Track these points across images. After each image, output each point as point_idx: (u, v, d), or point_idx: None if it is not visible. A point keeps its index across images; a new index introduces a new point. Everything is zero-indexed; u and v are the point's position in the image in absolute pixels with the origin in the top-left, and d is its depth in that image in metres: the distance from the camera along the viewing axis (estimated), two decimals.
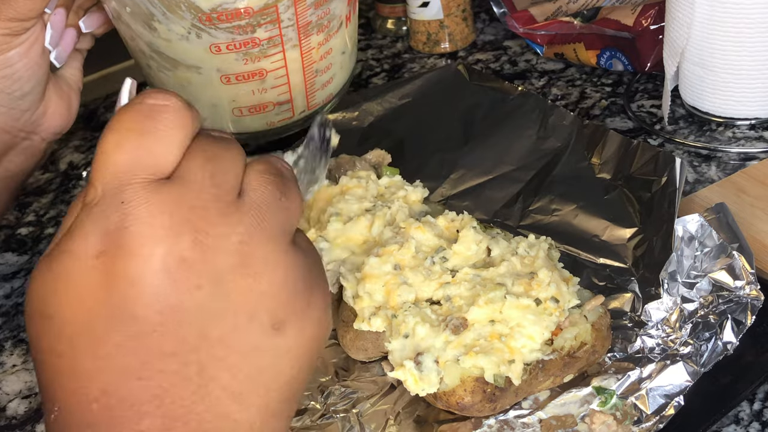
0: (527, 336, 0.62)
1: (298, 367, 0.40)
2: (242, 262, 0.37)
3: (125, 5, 0.61)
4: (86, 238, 0.36)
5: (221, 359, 0.37)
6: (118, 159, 0.36)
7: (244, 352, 0.37)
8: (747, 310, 0.65)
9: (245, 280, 0.37)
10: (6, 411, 0.72)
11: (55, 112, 0.69)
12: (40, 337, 0.37)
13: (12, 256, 0.91)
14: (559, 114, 0.90)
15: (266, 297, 0.37)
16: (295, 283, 0.39)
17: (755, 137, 0.90)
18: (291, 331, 0.38)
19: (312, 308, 0.39)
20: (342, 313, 0.69)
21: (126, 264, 0.35)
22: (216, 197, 0.37)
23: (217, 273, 0.36)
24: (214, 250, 0.36)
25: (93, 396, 0.36)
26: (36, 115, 0.69)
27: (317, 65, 0.67)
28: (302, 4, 0.62)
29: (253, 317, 0.37)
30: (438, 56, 1.16)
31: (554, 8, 1.10)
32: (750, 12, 0.84)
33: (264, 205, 0.38)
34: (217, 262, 0.36)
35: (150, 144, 0.37)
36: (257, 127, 0.70)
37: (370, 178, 0.76)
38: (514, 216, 0.81)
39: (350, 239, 0.71)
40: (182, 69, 0.65)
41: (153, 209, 0.35)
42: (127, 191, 0.36)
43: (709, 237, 0.69)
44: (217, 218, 0.37)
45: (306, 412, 0.66)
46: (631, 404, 0.61)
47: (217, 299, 0.36)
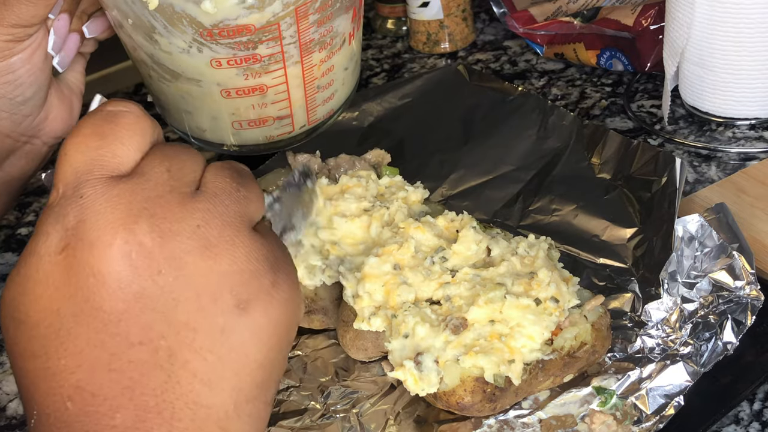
0: (527, 336, 0.62)
1: (268, 349, 0.39)
2: (201, 245, 0.38)
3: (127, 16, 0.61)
4: (48, 236, 0.37)
5: (189, 343, 0.37)
6: (77, 159, 0.38)
7: (211, 334, 0.37)
8: (747, 310, 0.65)
9: (205, 262, 0.37)
10: (6, 411, 0.72)
11: (56, 117, 0.69)
12: (16, 342, 0.38)
13: (12, 256, 0.91)
14: (559, 114, 0.90)
15: (228, 277, 0.38)
16: (257, 264, 0.39)
17: (755, 137, 0.90)
18: (256, 312, 0.39)
19: (277, 289, 0.40)
20: (342, 313, 0.69)
21: (86, 255, 0.36)
22: (173, 189, 0.38)
23: (176, 257, 0.37)
24: (172, 235, 0.37)
25: (67, 394, 0.36)
26: (38, 120, 0.68)
27: (319, 81, 0.67)
28: (305, 22, 0.62)
29: (216, 298, 0.37)
30: (438, 56, 1.16)
31: (554, 8, 1.10)
32: (750, 12, 0.84)
33: (221, 193, 0.40)
34: (176, 246, 0.37)
35: (108, 145, 0.38)
36: (257, 140, 0.70)
37: (370, 178, 0.76)
38: (514, 216, 0.81)
39: (348, 237, 0.71)
40: (183, 81, 0.64)
41: (110, 201, 0.36)
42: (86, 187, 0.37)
43: (709, 237, 0.69)
44: (174, 206, 0.38)
45: (306, 412, 0.66)
46: (631, 404, 0.61)
47: (178, 283, 0.37)
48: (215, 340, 0.37)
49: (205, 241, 0.38)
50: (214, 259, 0.38)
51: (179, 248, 0.37)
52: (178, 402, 0.37)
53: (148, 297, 0.37)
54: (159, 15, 0.60)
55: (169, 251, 0.37)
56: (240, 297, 0.38)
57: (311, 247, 0.69)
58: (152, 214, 0.37)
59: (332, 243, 0.70)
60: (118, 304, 0.36)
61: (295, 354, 0.71)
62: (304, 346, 0.71)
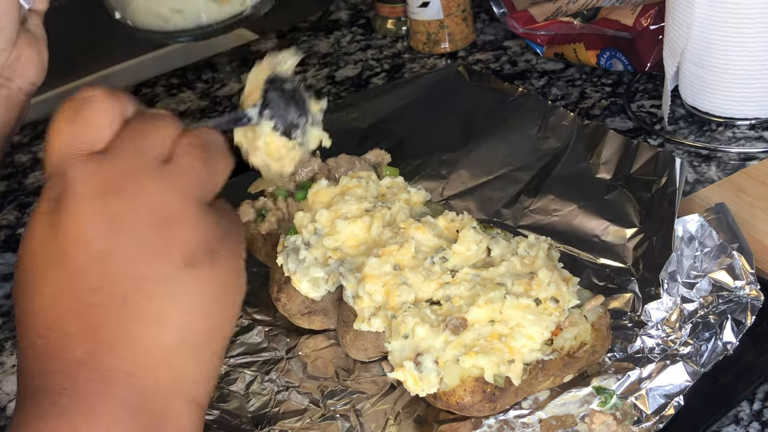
0: (527, 336, 0.62)
1: (211, 301, 0.45)
2: (159, 214, 0.44)
3: None
4: (41, 203, 0.45)
5: (141, 289, 0.44)
6: (57, 143, 0.45)
7: (161, 282, 0.44)
8: (747, 310, 0.65)
9: (159, 230, 0.44)
10: (6, 411, 0.72)
11: (28, 59, 0.73)
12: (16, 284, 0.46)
13: (12, 256, 0.91)
14: (559, 114, 0.90)
15: (179, 241, 0.44)
16: (205, 233, 0.45)
17: (755, 137, 0.90)
18: (201, 268, 0.45)
19: (221, 254, 0.46)
20: (342, 314, 0.69)
21: (63, 218, 0.44)
22: (140, 162, 0.45)
23: (134, 222, 0.44)
24: (133, 205, 0.44)
25: (38, 332, 0.44)
26: (12, 57, 0.72)
27: None
28: None
29: (167, 256, 0.44)
30: (438, 56, 1.16)
31: (554, 8, 1.10)
32: (750, 12, 0.84)
33: (181, 169, 0.45)
34: (136, 214, 0.44)
35: (79, 129, 0.45)
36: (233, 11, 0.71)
37: (370, 179, 0.76)
38: (514, 216, 0.81)
39: (350, 239, 0.71)
40: None
41: (84, 176, 0.44)
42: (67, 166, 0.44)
43: (709, 237, 0.69)
44: (139, 179, 0.44)
45: (306, 412, 0.66)
46: (631, 404, 0.61)
47: (135, 242, 0.44)
48: (164, 285, 0.44)
49: (161, 211, 0.44)
50: (169, 226, 0.44)
51: (138, 215, 0.44)
52: (129, 337, 0.43)
53: (108, 253, 0.43)
54: None
55: (128, 217, 0.44)
56: (187, 256, 0.44)
57: (314, 260, 0.69)
58: (118, 187, 0.44)
59: (334, 249, 0.70)
60: (83, 257, 0.43)
61: (295, 354, 0.71)
62: (304, 346, 0.71)
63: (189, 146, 0.47)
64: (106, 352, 0.43)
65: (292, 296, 0.70)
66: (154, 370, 0.44)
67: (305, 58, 1.20)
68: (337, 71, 1.16)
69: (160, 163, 0.45)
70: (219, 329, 0.47)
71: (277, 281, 0.71)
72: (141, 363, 0.43)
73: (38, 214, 0.45)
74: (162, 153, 0.46)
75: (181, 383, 0.45)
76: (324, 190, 0.75)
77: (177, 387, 0.45)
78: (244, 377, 0.69)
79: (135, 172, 0.44)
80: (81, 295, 0.43)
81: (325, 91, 1.12)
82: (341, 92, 1.11)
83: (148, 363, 0.44)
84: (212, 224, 0.46)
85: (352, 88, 1.12)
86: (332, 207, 0.72)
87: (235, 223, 0.48)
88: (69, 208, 0.44)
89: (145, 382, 0.43)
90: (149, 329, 0.44)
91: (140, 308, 0.44)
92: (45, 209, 0.45)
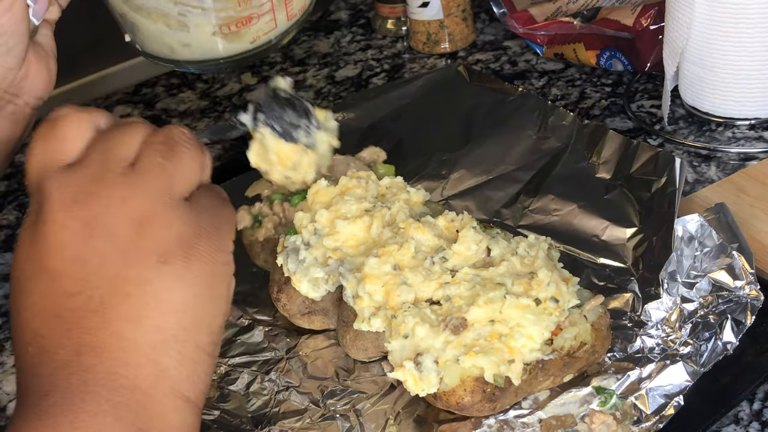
0: (527, 336, 0.62)
1: (191, 296, 0.46)
2: (128, 215, 0.46)
3: None
4: (28, 217, 0.48)
5: (118, 291, 0.45)
6: (33, 161, 0.48)
7: (136, 282, 0.45)
8: (747, 310, 0.65)
9: (131, 229, 0.45)
10: (6, 411, 0.72)
11: (36, 75, 0.72)
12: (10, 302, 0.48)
13: (12, 256, 0.91)
14: (559, 114, 0.90)
15: (151, 240, 0.45)
16: (178, 229, 0.46)
17: (755, 137, 0.90)
18: (176, 264, 0.46)
19: (197, 248, 0.47)
20: (342, 314, 0.69)
21: (41, 229, 0.46)
22: (106, 168, 0.46)
23: (107, 225, 0.45)
24: (104, 207, 0.45)
25: (27, 340, 0.46)
26: (20, 75, 0.71)
27: None
28: None
29: (140, 255, 0.45)
30: (438, 56, 1.16)
31: (554, 8, 1.10)
32: (750, 12, 0.84)
33: (146, 169, 0.47)
34: (107, 216, 0.45)
35: (53, 145, 0.48)
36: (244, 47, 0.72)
37: (370, 179, 0.76)
38: (514, 216, 0.81)
39: (349, 239, 0.71)
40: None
41: (58, 187, 0.46)
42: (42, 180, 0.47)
43: (709, 237, 0.69)
44: (107, 184, 0.46)
45: (306, 412, 0.66)
46: (630, 404, 0.61)
47: (109, 245, 0.45)
48: (140, 286, 0.45)
49: (131, 211, 0.46)
50: (139, 226, 0.45)
51: (109, 218, 0.45)
52: (109, 338, 0.44)
53: (82, 257, 0.45)
54: None
55: (100, 221, 0.45)
56: (160, 253, 0.46)
57: (314, 260, 0.69)
58: (88, 193, 0.46)
59: (334, 249, 0.70)
60: (59, 263, 0.45)
61: (295, 354, 0.71)
62: (305, 346, 0.71)
63: (151, 145, 0.48)
64: (87, 353, 0.44)
65: (292, 296, 0.70)
66: (135, 368, 0.45)
67: (305, 58, 1.20)
68: (337, 71, 1.16)
69: (127, 167, 0.47)
70: (202, 324, 0.47)
71: (277, 281, 0.71)
72: (122, 361, 0.44)
73: (23, 230, 0.48)
74: (129, 157, 0.47)
75: (165, 379, 0.46)
76: (323, 190, 0.75)
77: (161, 383, 0.45)
78: (244, 377, 0.69)
79: (102, 178, 0.46)
80: (60, 300, 0.45)
81: (325, 91, 1.12)
82: (341, 92, 1.11)
83: (129, 361, 0.45)
84: (187, 219, 0.47)
85: (352, 88, 1.12)
86: (332, 207, 0.72)
87: (219, 215, 0.49)
88: (45, 218, 0.46)
89: (127, 379, 0.44)
90: (128, 328, 0.45)
91: (117, 309, 0.45)
92: (28, 224, 0.47)
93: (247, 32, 0.71)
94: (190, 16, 0.69)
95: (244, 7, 0.69)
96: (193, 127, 1.08)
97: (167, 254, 0.46)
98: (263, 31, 0.72)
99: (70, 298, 0.45)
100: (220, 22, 0.69)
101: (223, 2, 0.68)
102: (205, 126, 1.08)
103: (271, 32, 0.73)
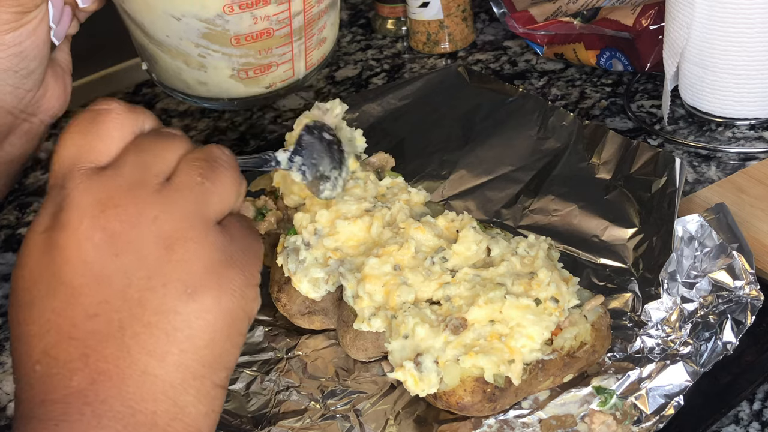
0: (527, 336, 0.62)
1: (214, 332, 0.43)
2: (157, 235, 0.42)
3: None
4: (39, 218, 0.43)
5: (139, 318, 0.42)
6: (64, 155, 0.44)
7: (160, 313, 0.42)
8: (747, 310, 0.65)
9: (159, 251, 0.42)
10: (6, 411, 0.72)
11: (53, 94, 0.71)
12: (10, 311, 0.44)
13: (12, 256, 0.91)
14: (559, 114, 0.90)
15: (179, 266, 0.42)
16: (209, 257, 0.43)
17: (755, 137, 0.90)
18: (204, 298, 0.43)
19: (227, 281, 0.43)
20: (342, 314, 0.69)
21: (59, 235, 0.42)
22: (141, 181, 0.43)
23: (134, 243, 0.42)
24: (133, 223, 0.42)
25: (35, 358, 0.42)
26: (37, 96, 0.70)
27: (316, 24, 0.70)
28: None
29: (166, 282, 0.42)
30: (438, 56, 1.16)
31: (554, 8, 1.10)
32: (750, 12, 0.84)
33: (184, 188, 0.43)
34: (135, 233, 0.42)
35: (89, 141, 0.44)
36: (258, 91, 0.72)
37: (368, 179, 0.76)
38: (514, 216, 0.81)
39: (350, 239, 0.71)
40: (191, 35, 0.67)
41: (85, 191, 0.42)
42: (68, 179, 0.43)
43: (709, 237, 0.69)
44: (139, 198, 0.42)
45: (306, 412, 0.66)
46: (630, 404, 0.61)
47: (133, 265, 0.42)
48: (162, 318, 0.42)
49: (162, 231, 0.42)
50: (168, 248, 0.42)
51: (137, 235, 0.42)
52: (128, 369, 0.41)
53: (106, 275, 0.41)
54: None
55: (127, 237, 0.42)
56: (188, 284, 0.42)
57: (314, 260, 0.69)
58: (117, 204, 0.42)
59: (334, 249, 0.70)
60: (80, 279, 0.41)
61: (295, 354, 0.71)
62: (304, 346, 0.71)
63: (190, 162, 0.45)
64: (103, 383, 0.41)
65: (292, 296, 0.70)
66: (153, 404, 0.42)
67: None
68: (337, 71, 1.16)
69: (162, 181, 0.44)
70: (222, 360, 0.45)
71: (277, 281, 0.71)
72: (139, 396, 0.42)
73: (34, 234, 0.43)
74: (165, 171, 0.44)
75: (184, 417, 0.43)
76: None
77: (178, 421, 0.43)
78: (244, 377, 0.69)
79: (134, 189, 0.43)
80: (78, 320, 0.41)
81: (325, 92, 1.12)
82: (341, 92, 1.11)
83: (147, 396, 0.42)
84: (219, 246, 0.44)
85: (352, 88, 1.12)
86: (332, 207, 0.72)
87: (251, 247, 0.46)
88: (66, 223, 0.42)
89: (145, 415, 0.42)
90: (147, 363, 0.42)
91: (138, 340, 0.42)
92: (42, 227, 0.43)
93: (264, 78, 0.71)
94: (209, 58, 0.68)
95: (265, 55, 0.69)
96: (193, 127, 1.08)
97: (195, 286, 0.42)
98: (281, 78, 0.71)
99: (90, 320, 0.41)
100: (239, 67, 0.69)
101: (244, 49, 0.67)
102: (205, 126, 1.08)
103: (288, 80, 0.72)
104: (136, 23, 0.69)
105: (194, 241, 0.43)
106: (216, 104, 0.73)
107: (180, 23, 0.66)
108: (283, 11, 0.66)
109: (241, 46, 0.67)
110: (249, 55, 0.68)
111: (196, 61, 0.68)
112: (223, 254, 0.44)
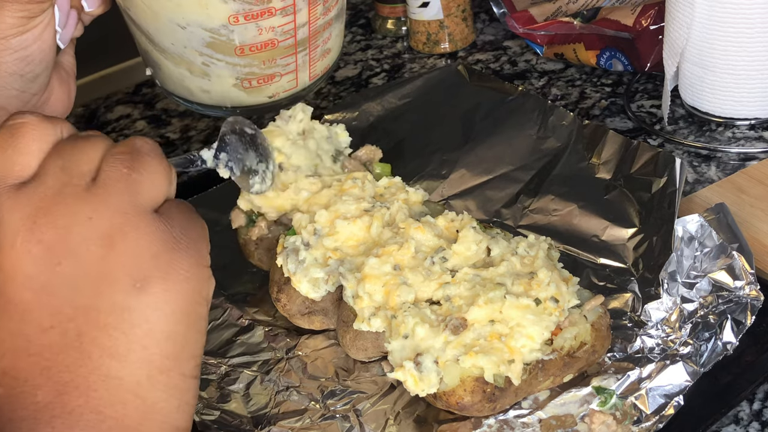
0: (527, 336, 0.62)
1: (174, 322, 0.43)
2: (94, 235, 0.42)
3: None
4: None
5: (94, 323, 0.41)
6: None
7: (113, 313, 0.41)
8: (747, 310, 0.65)
9: (99, 250, 0.42)
10: None
11: (57, 98, 0.70)
12: None
13: None
14: (559, 114, 0.90)
15: (122, 261, 0.42)
16: (151, 246, 0.42)
17: (755, 137, 0.90)
18: (154, 289, 0.42)
19: (175, 267, 0.43)
20: (342, 314, 0.69)
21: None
22: (66, 185, 0.42)
23: (72, 248, 0.41)
24: (67, 228, 0.41)
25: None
26: (42, 99, 0.69)
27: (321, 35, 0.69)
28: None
29: (113, 281, 0.41)
30: (438, 56, 1.16)
31: (554, 8, 1.10)
32: (750, 12, 0.84)
33: (111, 182, 0.43)
34: (72, 238, 0.41)
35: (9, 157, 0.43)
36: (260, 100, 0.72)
37: (366, 179, 0.76)
38: (514, 216, 0.81)
39: (349, 239, 0.71)
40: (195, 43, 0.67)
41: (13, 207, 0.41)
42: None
43: (709, 237, 0.69)
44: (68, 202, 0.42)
45: (306, 412, 0.66)
46: (630, 404, 0.61)
47: (77, 271, 0.41)
48: (117, 317, 0.41)
49: (98, 230, 0.42)
50: (108, 245, 0.42)
51: (74, 240, 0.41)
52: (92, 375, 0.41)
53: (51, 286, 0.41)
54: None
55: (65, 244, 0.41)
56: (136, 277, 0.42)
57: (314, 260, 0.69)
58: (47, 212, 0.41)
59: (334, 249, 0.70)
60: (26, 294, 0.41)
61: (295, 354, 0.71)
62: (304, 346, 0.71)
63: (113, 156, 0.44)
64: (69, 393, 0.41)
65: (292, 296, 0.70)
66: (122, 406, 0.42)
67: None
68: (337, 71, 1.16)
69: (89, 181, 0.43)
70: (187, 349, 0.44)
71: (277, 282, 0.71)
72: (107, 401, 0.41)
73: None
74: (89, 171, 0.44)
75: (155, 414, 0.43)
76: (321, 192, 0.75)
77: (149, 419, 0.42)
78: (244, 377, 0.69)
79: (62, 195, 0.42)
80: (33, 336, 0.41)
81: (325, 91, 1.12)
82: (341, 92, 1.11)
83: (114, 400, 0.41)
84: (159, 233, 0.43)
85: (352, 88, 1.12)
86: (331, 207, 0.72)
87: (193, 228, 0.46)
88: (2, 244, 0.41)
89: (115, 420, 0.41)
90: (109, 366, 0.41)
91: (97, 344, 0.41)
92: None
93: (267, 88, 0.71)
94: (213, 66, 0.68)
95: (269, 65, 0.69)
96: (193, 127, 1.08)
97: (144, 278, 0.42)
98: (284, 88, 0.72)
99: (44, 334, 0.41)
100: (242, 76, 0.69)
101: (248, 59, 0.68)
102: (205, 126, 1.08)
103: (291, 90, 0.73)
104: (141, 30, 0.69)
105: (133, 232, 0.42)
106: (218, 112, 0.73)
107: (185, 32, 0.66)
108: (288, 23, 0.66)
109: (245, 56, 0.67)
110: (253, 65, 0.68)
111: (200, 69, 0.69)
112: (165, 240, 0.43)
